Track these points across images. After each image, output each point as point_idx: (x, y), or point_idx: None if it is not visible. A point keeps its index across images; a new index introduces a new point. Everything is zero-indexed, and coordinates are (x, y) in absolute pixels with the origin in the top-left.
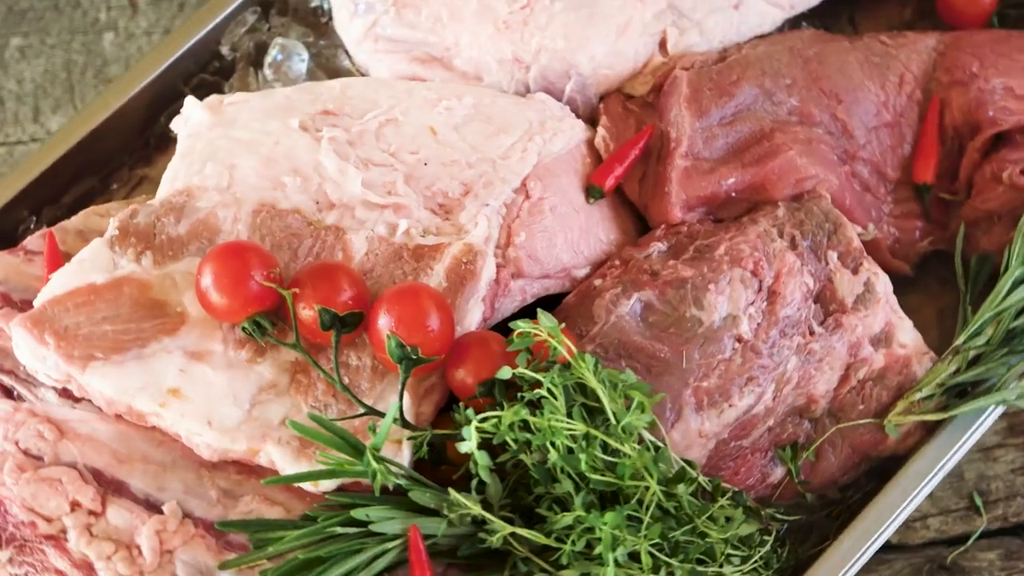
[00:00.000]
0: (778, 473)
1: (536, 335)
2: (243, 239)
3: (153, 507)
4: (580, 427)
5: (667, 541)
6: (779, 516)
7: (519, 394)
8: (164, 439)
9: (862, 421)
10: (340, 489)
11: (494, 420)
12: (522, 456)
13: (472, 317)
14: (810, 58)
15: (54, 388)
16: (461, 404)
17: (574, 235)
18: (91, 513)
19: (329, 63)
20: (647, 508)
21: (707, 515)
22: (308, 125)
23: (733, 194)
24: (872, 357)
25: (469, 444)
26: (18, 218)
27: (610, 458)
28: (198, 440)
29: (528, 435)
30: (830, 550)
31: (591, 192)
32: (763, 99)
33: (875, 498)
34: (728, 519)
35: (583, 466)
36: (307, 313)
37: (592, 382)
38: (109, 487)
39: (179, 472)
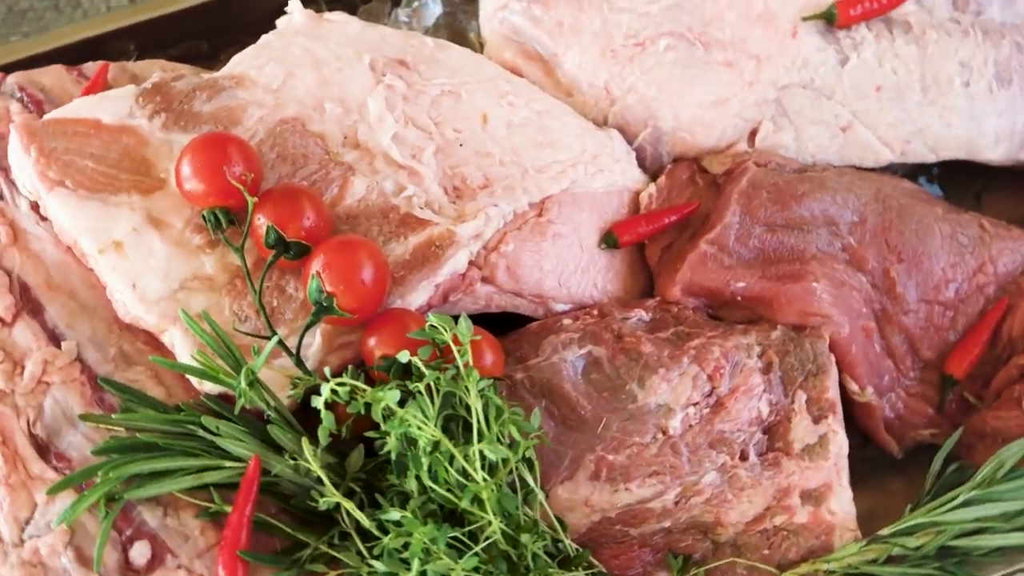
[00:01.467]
0: None
1: (441, 334)
2: (256, 140)
3: (55, 340)
4: (433, 433)
5: None
6: None
7: (407, 382)
8: (97, 285)
9: (761, 566)
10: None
11: (347, 388)
12: (389, 441)
13: (417, 297)
14: (892, 207)
15: (28, 199)
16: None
17: (566, 269)
18: (0, 321)
19: (457, 25)
20: (485, 540)
21: None
22: (376, 66)
23: (739, 298)
24: (796, 509)
25: (319, 400)
26: (124, 49)
27: (461, 478)
28: (118, 297)
29: (392, 423)
30: None
31: (606, 238)
32: (820, 225)
33: None
34: None
35: (422, 471)
36: (271, 225)
37: (469, 398)
38: (28, 305)
39: (94, 320)
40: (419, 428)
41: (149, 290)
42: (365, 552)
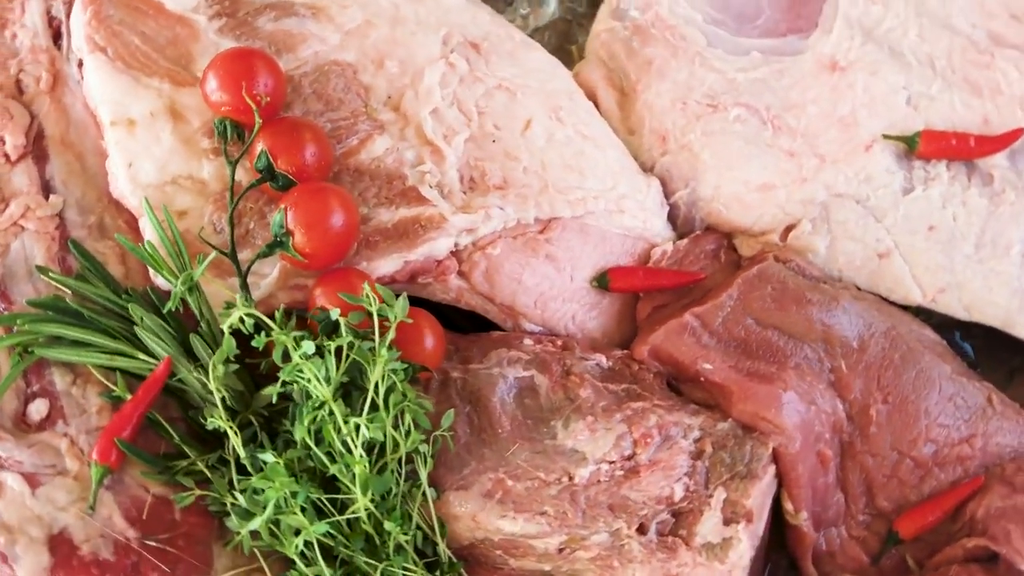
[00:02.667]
0: None
1: (360, 302)
2: (300, 71)
3: (45, 191)
4: (323, 393)
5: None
6: None
7: (326, 339)
8: (104, 155)
9: None
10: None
11: (252, 321)
12: (294, 388)
13: (383, 266)
14: (899, 347)
15: (77, 56)
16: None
17: (548, 293)
18: (5, 156)
19: (568, 33)
20: (350, 513)
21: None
22: (449, 41)
23: (702, 379)
24: None
25: (226, 325)
26: None
27: (342, 447)
28: (113, 171)
29: (286, 370)
30: None
31: (599, 277)
32: (815, 339)
33: None
34: None
35: (302, 426)
36: (265, 150)
37: (371, 372)
38: (36, 152)
39: (87, 186)
40: (311, 383)
41: (142, 174)
42: (236, 483)
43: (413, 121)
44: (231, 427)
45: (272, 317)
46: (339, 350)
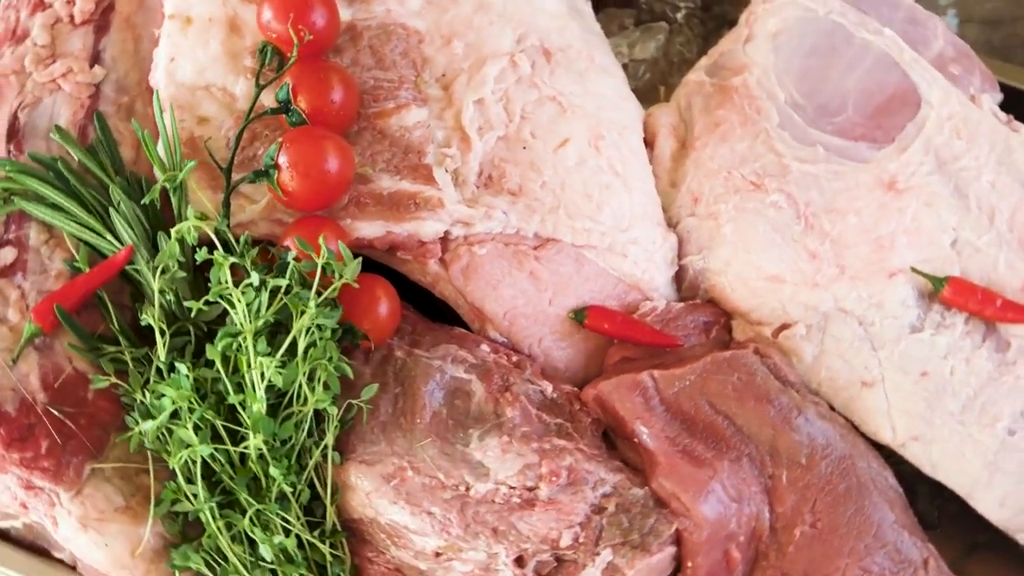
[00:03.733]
0: None
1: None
2: (364, 24)
3: (92, 60)
4: (243, 324)
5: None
6: None
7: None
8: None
9: None
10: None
11: (195, 235)
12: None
13: (364, 229)
14: (847, 479)
15: None
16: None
17: (521, 308)
18: (70, 17)
19: (665, 72)
20: (241, 446)
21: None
22: (523, 41)
23: (635, 439)
24: None
25: (174, 231)
26: None
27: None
28: (156, 60)
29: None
30: None
31: (578, 311)
32: (763, 441)
33: None
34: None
35: (216, 350)
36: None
37: (298, 319)
38: (100, 21)
39: (133, 67)
40: (235, 309)
41: (179, 71)
42: (149, 383)
43: (456, 105)
44: (161, 328)
45: (254, 242)
46: (277, 290)
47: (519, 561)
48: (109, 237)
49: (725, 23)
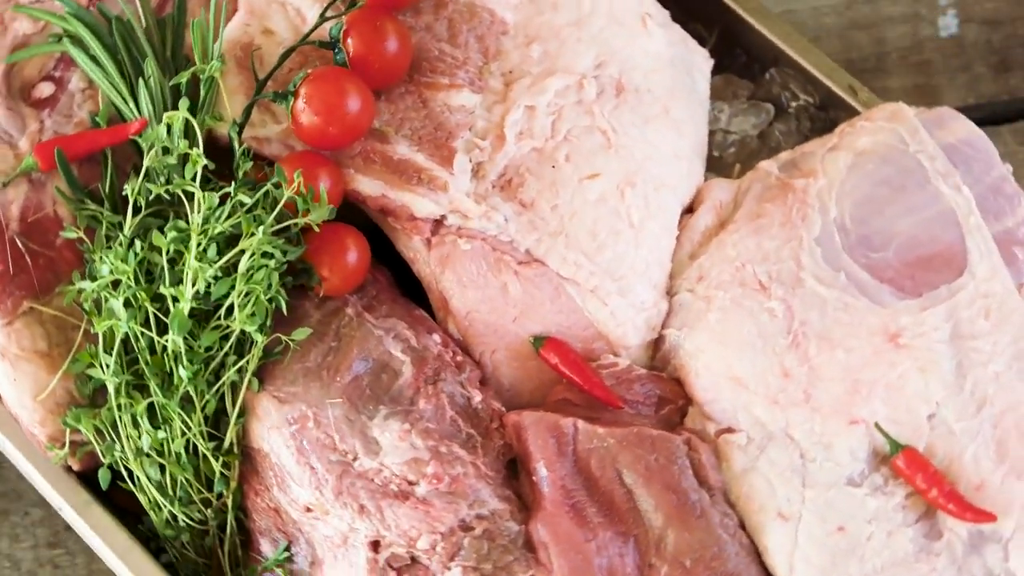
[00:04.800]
0: None
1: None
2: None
3: None
4: (193, 221)
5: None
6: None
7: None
8: None
9: None
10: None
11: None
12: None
13: (363, 185)
14: None
15: None
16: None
17: (483, 315)
18: None
19: (754, 150)
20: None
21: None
22: (600, 67)
23: (533, 477)
24: None
25: (165, 116)
26: None
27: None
28: None
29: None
30: None
31: (537, 337)
32: (655, 528)
33: None
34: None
35: (159, 234)
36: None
37: (247, 239)
38: None
39: None
40: (191, 207)
41: None
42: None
43: (508, 104)
44: (137, 203)
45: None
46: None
47: (375, 545)
48: (131, 106)
49: (832, 128)
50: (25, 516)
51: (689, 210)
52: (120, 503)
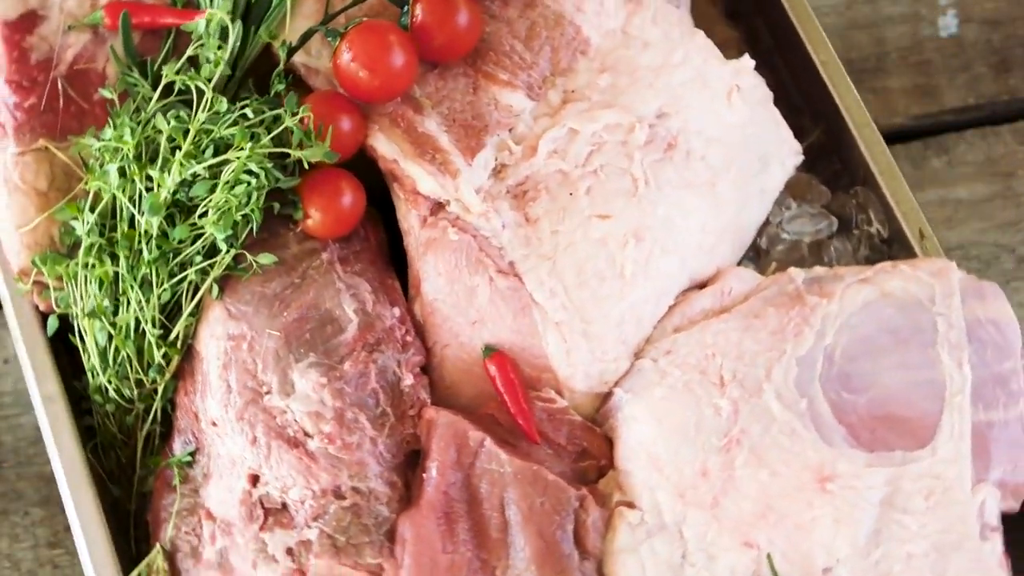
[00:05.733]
0: None
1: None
2: (543, 4)
3: None
4: (192, 123)
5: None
6: None
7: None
8: None
9: None
10: None
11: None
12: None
13: (377, 142)
14: None
15: None
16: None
17: (445, 308)
18: None
19: (795, 257)
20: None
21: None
22: (660, 118)
23: (422, 475)
24: None
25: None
26: None
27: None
28: None
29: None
30: None
31: (489, 346)
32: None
33: None
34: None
35: (162, 118)
36: None
37: (235, 150)
38: None
39: None
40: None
41: None
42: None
43: (556, 121)
44: (172, 82)
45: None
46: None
47: (254, 479)
48: None
49: (887, 259)
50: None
51: (702, 286)
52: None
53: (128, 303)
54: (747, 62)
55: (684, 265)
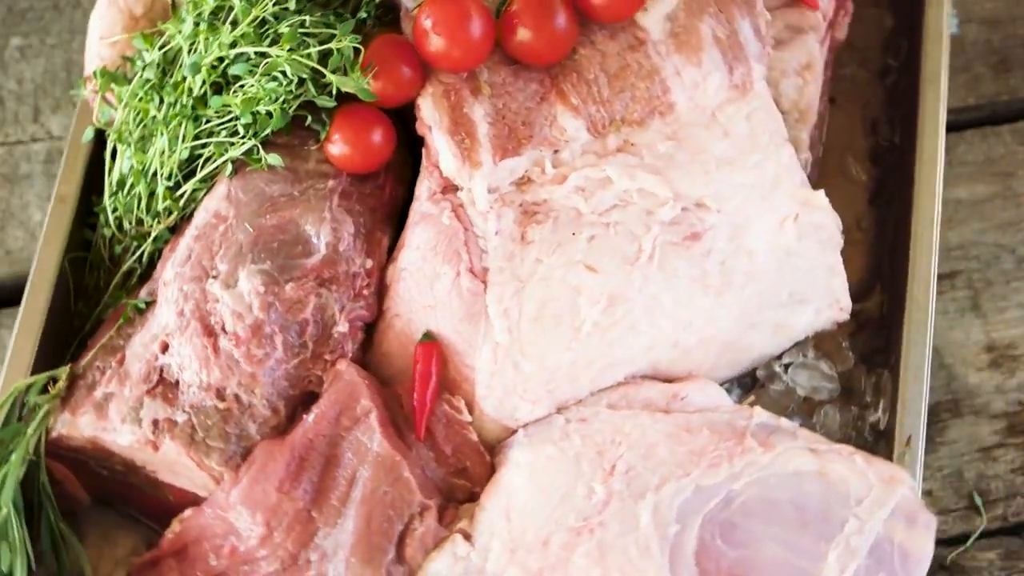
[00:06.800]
0: None
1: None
2: (645, 54)
3: None
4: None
5: None
6: None
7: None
8: None
9: None
10: None
11: None
12: None
13: (426, 110)
14: None
15: None
16: None
17: (412, 285)
18: None
19: (803, 408)
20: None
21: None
22: (699, 205)
23: (304, 416)
24: None
25: None
26: None
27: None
28: None
29: None
30: None
31: (430, 333)
32: (325, 534)
33: None
34: None
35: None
36: None
37: (282, 46)
38: None
39: None
40: None
41: None
42: None
43: (599, 163)
44: None
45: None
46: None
47: (164, 347)
48: None
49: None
50: None
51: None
52: None
53: (154, 146)
54: (821, 198)
55: (649, 351)
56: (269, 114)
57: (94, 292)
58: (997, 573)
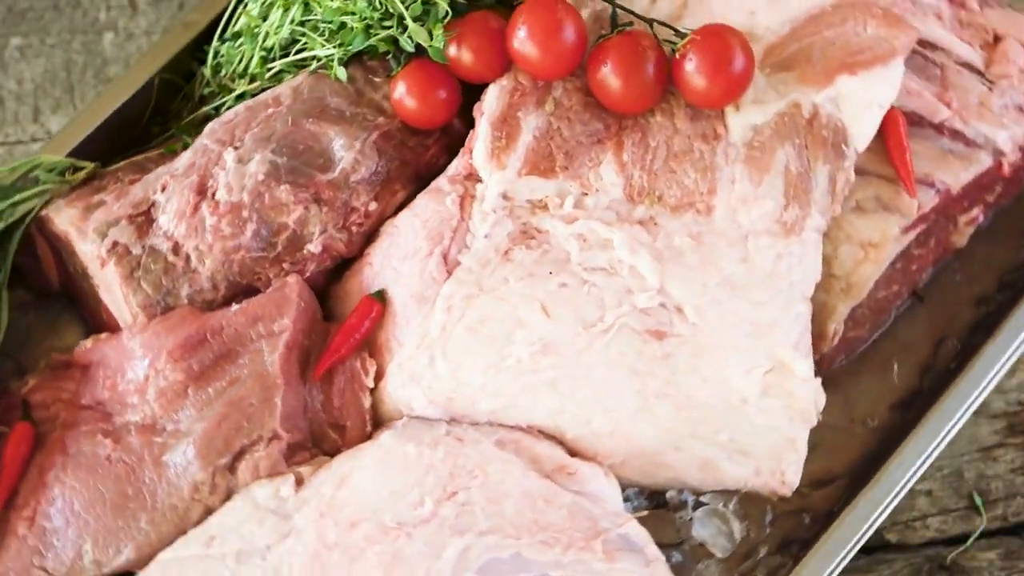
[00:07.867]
0: None
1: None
2: (684, 130)
3: None
4: None
5: None
6: None
7: None
8: None
9: None
10: None
11: None
12: None
13: (490, 99)
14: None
15: None
16: None
17: (392, 245)
18: None
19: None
20: None
21: None
22: (681, 308)
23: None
24: None
25: None
26: None
27: None
28: None
29: None
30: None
31: (379, 292)
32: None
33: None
34: None
35: None
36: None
37: None
38: None
39: None
40: None
41: None
42: None
43: (613, 226)
44: None
45: None
46: None
47: (163, 188)
48: None
49: None
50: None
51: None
52: None
53: (263, 21)
54: (804, 368)
55: (556, 415)
56: (348, 53)
57: (173, 119)
58: (997, 573)
